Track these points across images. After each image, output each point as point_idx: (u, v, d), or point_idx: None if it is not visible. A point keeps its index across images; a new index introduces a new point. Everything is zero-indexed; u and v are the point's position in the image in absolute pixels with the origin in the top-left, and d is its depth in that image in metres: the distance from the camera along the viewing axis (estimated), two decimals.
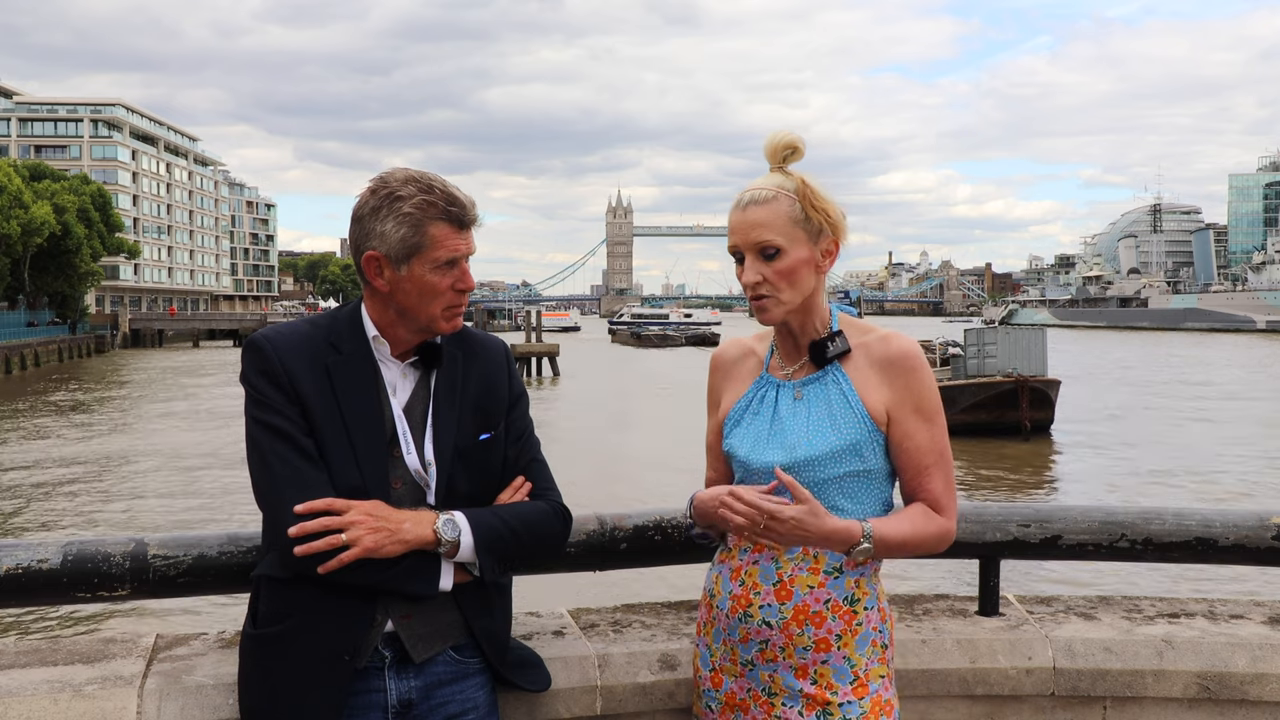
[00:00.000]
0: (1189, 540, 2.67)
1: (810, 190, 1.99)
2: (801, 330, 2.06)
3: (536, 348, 55.55)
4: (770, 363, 2.12)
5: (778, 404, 2.06)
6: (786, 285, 1.99)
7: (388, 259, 1.96)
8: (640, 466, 24.63)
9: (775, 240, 1.97)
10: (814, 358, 2.04)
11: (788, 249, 1.97)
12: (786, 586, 1.99)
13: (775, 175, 2.02)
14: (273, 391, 1.93)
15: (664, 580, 9.23)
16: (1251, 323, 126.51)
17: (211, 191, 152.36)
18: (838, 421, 1.99)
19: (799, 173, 2.02)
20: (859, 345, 2.05)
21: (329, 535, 1.84)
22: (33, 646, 2.38)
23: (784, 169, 2.02)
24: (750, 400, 2.10)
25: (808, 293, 2.02)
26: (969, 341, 30.77)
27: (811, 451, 1.99)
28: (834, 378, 2.03)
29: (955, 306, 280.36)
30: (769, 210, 1.98)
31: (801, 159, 2.02)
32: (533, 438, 2.16)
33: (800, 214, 1.97)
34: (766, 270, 1.98)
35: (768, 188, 2.00)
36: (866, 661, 2.01)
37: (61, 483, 22.52)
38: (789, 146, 2.00)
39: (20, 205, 62.62)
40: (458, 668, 2.05)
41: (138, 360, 69.96)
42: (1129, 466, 24.38)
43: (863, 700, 1.99)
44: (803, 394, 2.04)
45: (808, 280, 2.01)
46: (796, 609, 1.98)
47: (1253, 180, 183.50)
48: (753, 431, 2.07)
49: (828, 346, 2.03)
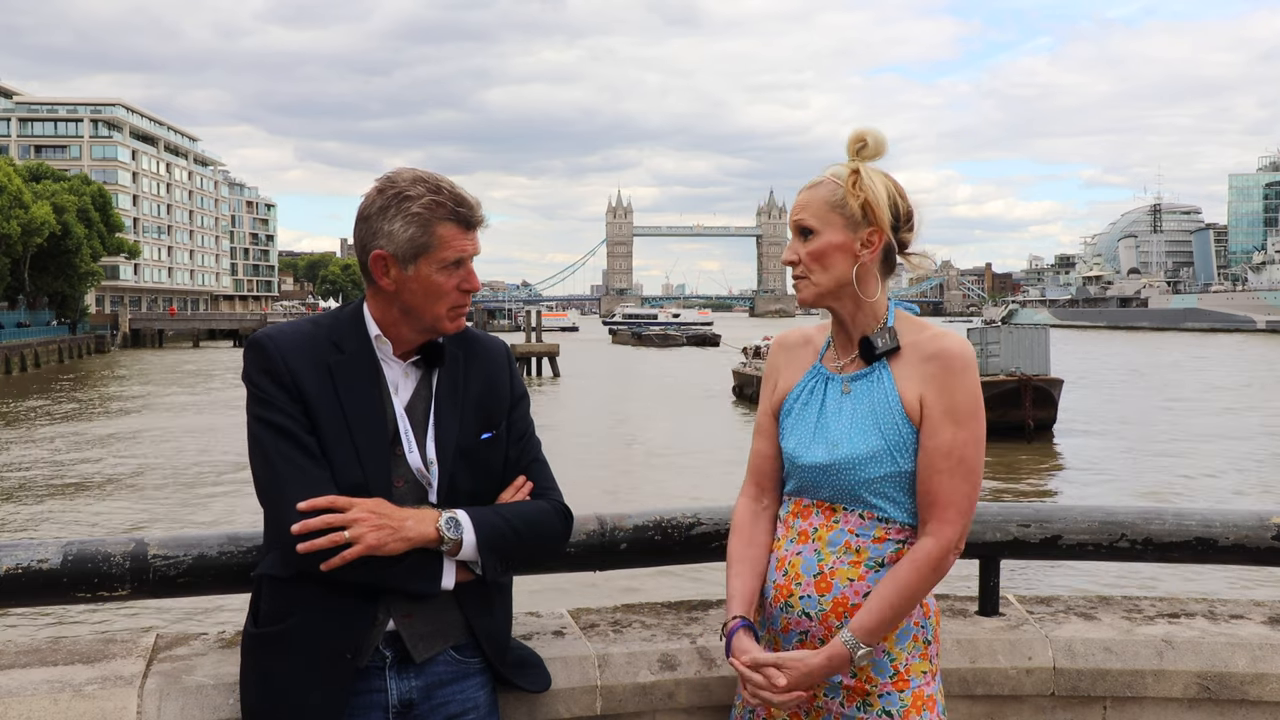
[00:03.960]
0: (1189, 540, 2.67)
1: (857, 176, 2.00)
2: (853, 322, 2.07)
3: (537, 348, 55.58)
4: (825, 354, 2.13)
5: (825, 397, 2.07)
6: (818, 267, 2.03)
7: (395, 258, 1.96)
8: (641, 467, 24.64)
9: (809, 221, 2.02)
10: (863, 353, 2.05)
11: (820, 231, 2.01)
12: (827, 579, 2.00)
13: (840, 165, 2.05)
14: (275, 390, 1.93)
15: (664, 580, 9.25)
16: (1251, 323, 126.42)
17: (211, 191, 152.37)
18: (880, 421, 1.99)
19: (868, 165, 2.02)
20: (910, 344, 2.03)
21: (332, 532, 1.85)
22: (33, 646, 2.38)
23: (858, 160, 2.03)
24: (802, 390, 2.11)
25: (842, 278, 2.02)
26: (971, 340, 30.78)
27: (853, 451, 1.99)
28: (880, 375, 2.03)
29: (955, 306, 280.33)
30: (813, 193, 2.04)
31: (876, 152, 2.02)
32: (534, 438, 2.16)
33: (840, 199, 2.00)
34: (802, 250, 2.04)
35: (823, 175, 2.05)
36: (907, 657, 2.02)
37: (61, 482, 22.52)
38: (860, 140, 2.02)
39: (20, 205, 62.67)
40: (458, 667, 2.05)
41: (138, 360, 69.94)
42: (1129, 466, 24.38)
43: (903, 694, 2.00)
44: (851, 388, 2.05)
45: (840, 265, 2.02)
46: (835, 601, 1.99)
47: (1253, 180, 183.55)
48: (801, 425, 2.07)
49: (876, 343, 2.03)
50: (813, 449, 2.03)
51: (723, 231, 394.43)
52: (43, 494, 21.40)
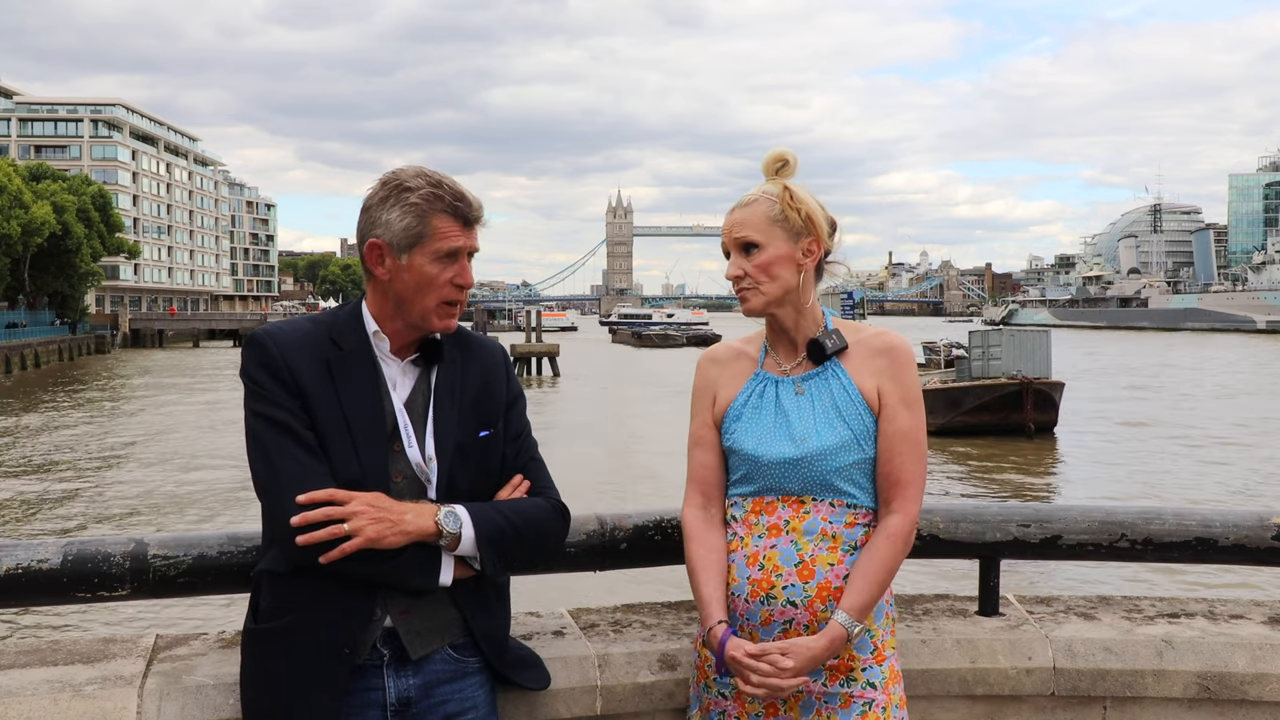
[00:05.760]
0: (1189, 540, 2.67)
1: (790, 192, 2.15)
2: (795, 328, 2.20)
3: (536, 348, 55.52)
4: (765, 361, 2.24)
5: (779, 398, 2.18)
6: (765, 278, 2.15)
7: (390, 247, 1.99)
8: (641, 466, 24.64)
9: (752, 236, 2.15)
10: (812, 355, 2.18)
11: (765, 244, 2.15)
12: (809, 566, 2.10)
13: (765, 184, 2.20)
14: (274, 385, 1.94)
15: (664, 580, 9.24)
16: (1251, 323, 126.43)
17: (211, 191, 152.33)
18: (843, 413, 2.13)
19: (787, 181, 2.18)
20: (855, 342, 2.19)
21: (331, 525, 1.85)
22: (33, 646, 2.38)
23: (777, 179, 2.19)
24: (749, 396, 2.21)
25: (789, 287, 2.16)
26: (974, 343, 30.84)
27: (822, 443, 2.11)
28: (834, 372, 2.17)
29: (955, 306, 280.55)
30: (750, 211, 2.17)
31: (794, 170, 2.19)
32: (530, 438, 2.17)
33: (779, 214, 2.15)
34: (746, 264, 2.16)
35: (753, 193, 2.19)
36: (882, 633, 2.15)
37: (61, 483, 22.52)
38: (780, 160, 2.18)
39: (20, 205, 62.66)
40: (456, 666, 2.05)
41: (138, 360, 69.95)
42: (1130, 466, 24.38)
43: (882, 666, 2.13)
44: (804, 388, 2.17)
45: (786, 274, 2.16)
46: (820, 587, 2.09)
47: (1253, 180, 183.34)
48: (757, 425, 2.17)
49: (826, 344, 2.17)
50: (776, 445, 2.13)
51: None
52: (43, 494, 21.40)
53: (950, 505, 2.69)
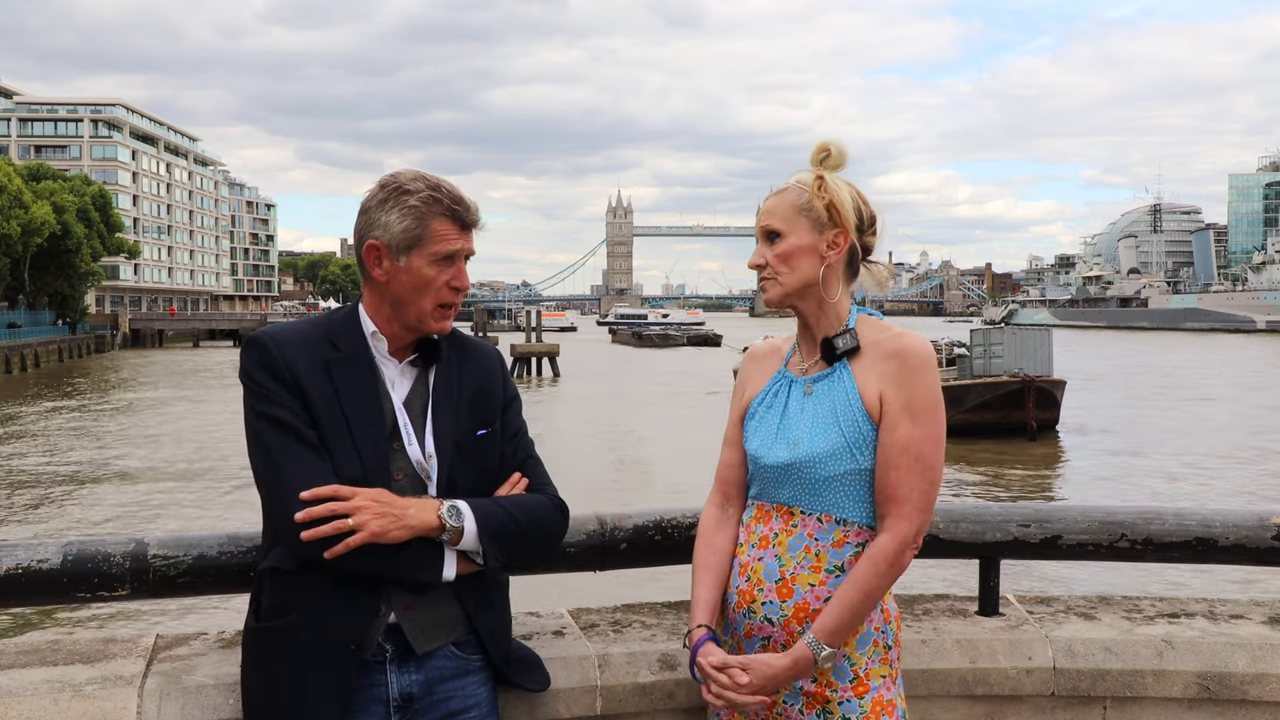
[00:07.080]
0: (1189, 540, 2.67)
1: (821, 181, 2.06)
2: (816, 325, 2.11)
3: (537, 348, 55.46)
4: (790, 359, 2.17)
5: (789, 400, 2.10)
6: (785, 268, 2.07)
7: (388, 248, 2.00)
8: (641, 466, 24.64)
9: (776, 225, 2.07)
10: (824, 354, 2.08)
11: (787, 233, 2.06)
12: (788, 584, 2.02)
13: (804, 172, 2.10)
14: (275, 385, 1.95)
15: (664, 580, 9.22)
16: (1251, 323, 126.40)
17: (211, 191, 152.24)
18: (840, 419, 2.02)
19: (828, 170, 2.08)
20: (871, 343, 2.06)
21: (335, 520, 1.86)
22: (33, 646, 2.38)
23: (821, 169, 2.09)
24: (766, 394, 2.15)
25: (808, 279, 2.07)
26: (975, 342, 30.84)
27: (813, 449, 2.02)
28: (840, 375, 2.06)
29: (955, 306, 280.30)
30: (779, 199, 2.09)
31: (838, 161, 2.08)
32: (527, 437, 2.19)
33: (806, 202, 2.05)
34: (768, 253, 2.09)
35: (788, 181, 2.11)
36: (867, 661, 2.02)
37: (61, 482, 22.52)
38: (823, 150, 2.08)
39: (20, 205, 62.61)
40: (459, 663, 2.06)
41: (138, 360, 69.94)
42: (1130, 467, 24.37)
43: (863, 699, 2.00)
44: (813, 390, 2.08)
45: (806, 266, 2.06)
46: (797, 607, 2.01)
47: (1253, 180, 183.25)
48: (764, 427, 2.11)
49: (837, 343, 2.07)
50: (775, 449, 2.06)
51: (723, 231, 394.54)
52: (42, 494, 21.40)
53: (950, 505, 2.68)
